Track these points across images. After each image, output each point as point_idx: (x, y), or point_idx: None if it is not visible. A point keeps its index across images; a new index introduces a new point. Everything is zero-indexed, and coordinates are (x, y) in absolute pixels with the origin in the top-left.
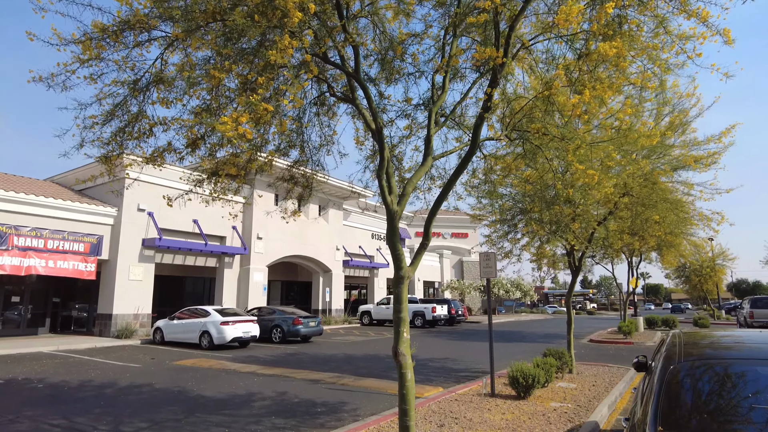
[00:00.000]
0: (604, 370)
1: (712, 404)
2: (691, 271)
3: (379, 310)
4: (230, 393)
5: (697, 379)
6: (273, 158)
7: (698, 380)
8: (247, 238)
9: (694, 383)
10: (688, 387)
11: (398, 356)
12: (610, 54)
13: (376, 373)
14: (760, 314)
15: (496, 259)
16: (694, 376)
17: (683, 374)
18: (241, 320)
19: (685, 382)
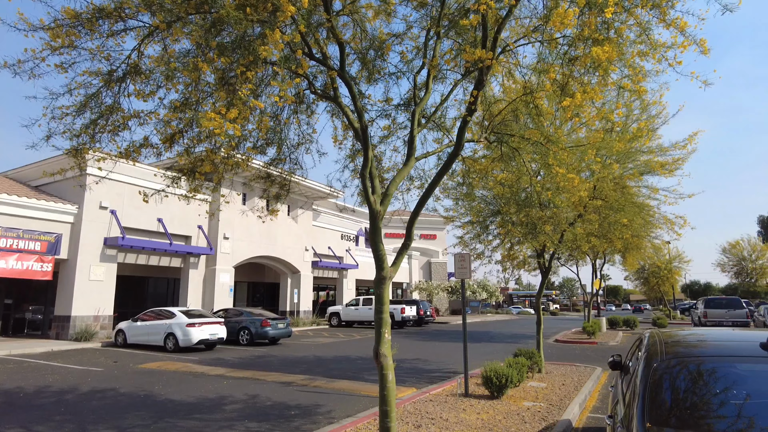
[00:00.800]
0: (572, 370)
1: (696, 400)
2: (650, 273)
3: (348, 311)
4: (200, 397)
5: (680, 376)
6: (251, 156)
7: (681, 377)
8: (213, 238)
9: (677, 380)
10: (672, 384)
11: (379, 357)
12: (602, 58)
13: (349, 375)
14: (713, 314)
15: (470, 260)
16: (676, 373)
17: (666, 372)
18: (207, 322)
19: (669, 380)
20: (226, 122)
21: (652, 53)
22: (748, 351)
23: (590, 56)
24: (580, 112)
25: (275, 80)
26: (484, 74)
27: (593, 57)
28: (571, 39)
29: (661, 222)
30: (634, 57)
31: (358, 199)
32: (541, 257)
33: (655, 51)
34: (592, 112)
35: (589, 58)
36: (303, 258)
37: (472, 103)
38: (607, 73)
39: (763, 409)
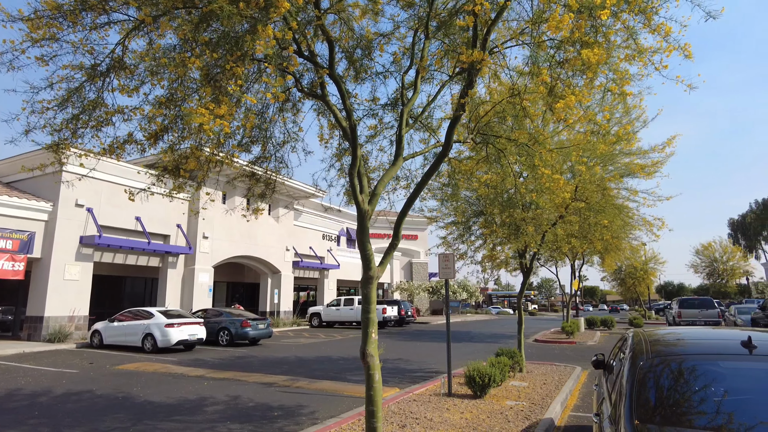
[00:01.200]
0: (552, 369)
1: (682, 397)
2: (626, 274)
3: (330, 311)
4: (180, 398)
5: (665, 374)
6: (236, 153)
7: (666, 375)
8: (192, 237)
9: (663, 378)
10: (658, 382)
11: (366, 357)
12: (593, 61)
13: (331, 376)
14: (687, 314)
15: (454, 260)
16: (662, 371)
17: (652, 370)
18: (187, 322)
19: (655, 378)
20: (215, 118)
21: (639, 57)
22: (730, 349)
23: (580, 59)
24: (568, 114)
25: (266, 77)
26: (474, 74)
27: (583, 59)
28: (560, 42)
29: (640, 224)
30: (621, 61)
31: (344, 198)
32: (523, 258)
33: (642, 55)
34: (580, 113)
35: (579, 61)
36: (284, 258)
37: (462, 103)
38: (596, 75)
39: (746, 405)
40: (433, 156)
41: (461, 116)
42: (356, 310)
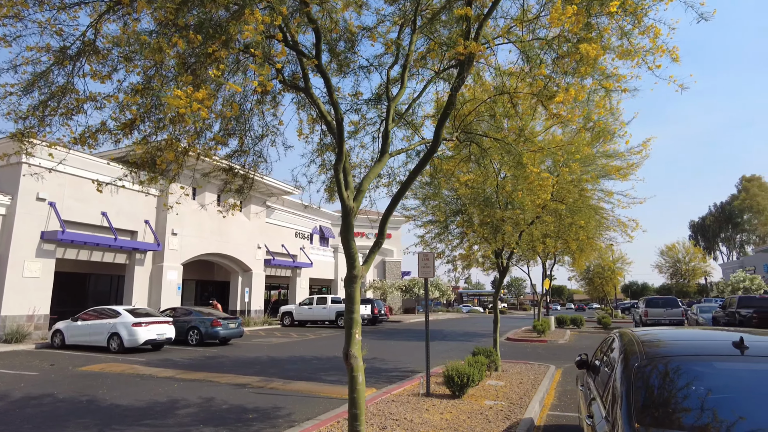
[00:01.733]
0: (527, 368)
1: (680, 399)
2: (594, 273)
3: (302, 310)
4: (150, 401)
5: (661, 375)
6: (215, 146)
7: (663, 377)
8: (161, 234)
9: (660, 380)
10: (655, 384)
11: (349, 359)
12: (591, 55)
13: (306, 376)
14: (653, 313)
15: (434, 259)
16: (658, 372)
17: (648, 372)
18: (155, 321)
19: (651, 379)
20: (193, 102)
21: (633, 55)
22: (723, 350)
23: (579, 53)
24: (563, 111)
25: (252, 64)
26: (467, 68)
27: (582, 53)
28: (555, 36)
29: (615, 225)
30: (615, 59)
31: (325, 195)
32: (500, 257)
33: (636, 53)
34: (575, 110)
35: (578, 55)
36: (255, 256)
37: (452, 97)
38: (593, 70)
39: (744, 405)
40: (416, 154)
41: (451, 111)
42: (329, 309)
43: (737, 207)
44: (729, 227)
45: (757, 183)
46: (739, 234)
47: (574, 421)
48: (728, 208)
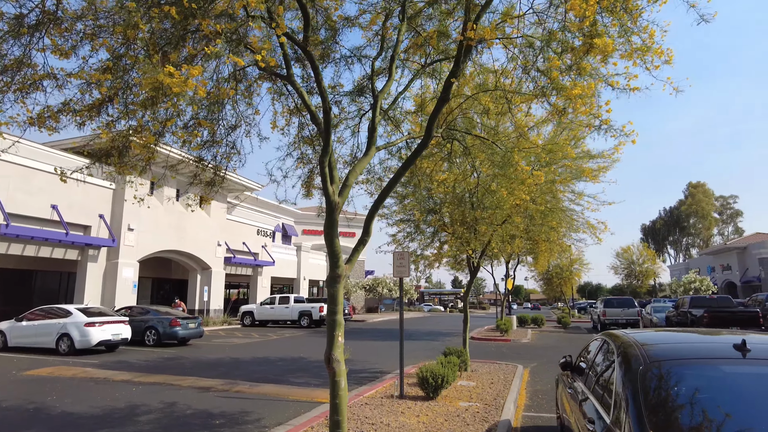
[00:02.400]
0: (495, 368)
1: (693, 403)
2: (553, 273)
3: (263, 310)
4: (107, 407)
5: (670, 379)
6: (197, 129)
7: (671, 380)
8: (116, 229)
9: (669, 383)
10: (665, 387)
11: (332, 363)
12: (609, 50)
13: (272, 379)
14: (611, 312)
15: (409, 258)
16: (666, 376)
17: (655, 375)
18: (110, 321)
19: (660, 383)
20: (188, 79)
21: (634, 54)
22: (725, 352)
23: (596, 45)
24: (578, 105)
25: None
26: (464, 58)
27: (600, 48)
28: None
29: (585, 227)
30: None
31: (301, 191)
32: (471, 257)
33: (637, 53)
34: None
35: (595, 49)
36: (215, 253)
37: (446, 89)
38: (606, 62)
39: (752, 410)
40: (397, 150)
41: (446, 104)
42: (292, 308)
43: (684, 212)
44: (677, 231)
45: (701, 189)
46: (686, 237)
47: (550, 422)
48: (676, 212)
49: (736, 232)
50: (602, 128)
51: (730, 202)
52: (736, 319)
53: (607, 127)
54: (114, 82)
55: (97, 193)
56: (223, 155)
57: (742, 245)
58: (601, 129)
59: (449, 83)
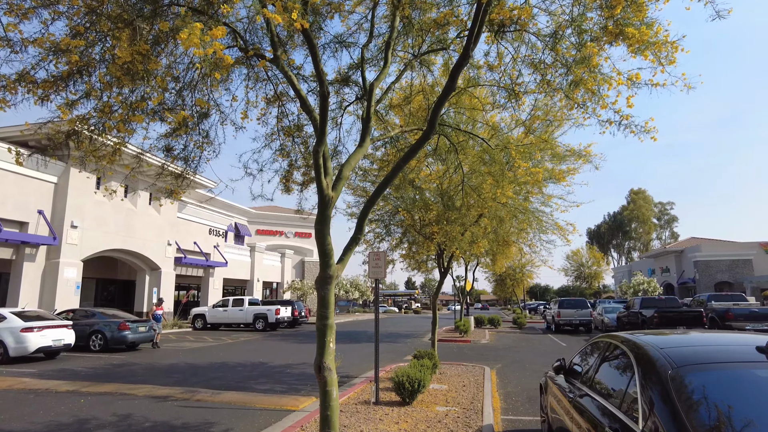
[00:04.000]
0: (463, 369)
1: (735, 408)
2: (506, 275)
3: (216, 312)
4: (50, 422)
5: (704, 384)
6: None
7: (706, 386)
8: (57, 226)
9: (703, 389)
10: (702, 393)
11: (322, 371)
12: (645, 39)
13: (234, 385)
14: (564, 313)
15: (385, 259)
16: (701, 381)
17: (688, 380)
18: (50, 325)
19: (695, 389)
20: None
21: (650, 48)
22: (751, 356)
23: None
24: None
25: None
26: (473, 44)
27: (637, 37)
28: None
29: (554, 228)
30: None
31: (279, 186)
32: (440, 257)
33: (652, 46)
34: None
35: (635, 39)
36: (165, 253)
37: (453, 77)
38: (643, 54)
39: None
40: (383, 144)
41: (451, 93)
42: (246, 311)
43: (626, 217)
44: (620, 235)
45: (642, 195)
46: (628, 241)
47: (530, 425)
48: (619, 217)
49: (672, 236)
50: (622, 123)
51: (667, 208)
52: (683, 318)
53: (627, 123)
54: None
55: (35, 187)
56: (196, 143)
57: (679, 249)
58: (621, 125)
59: (458, 68)
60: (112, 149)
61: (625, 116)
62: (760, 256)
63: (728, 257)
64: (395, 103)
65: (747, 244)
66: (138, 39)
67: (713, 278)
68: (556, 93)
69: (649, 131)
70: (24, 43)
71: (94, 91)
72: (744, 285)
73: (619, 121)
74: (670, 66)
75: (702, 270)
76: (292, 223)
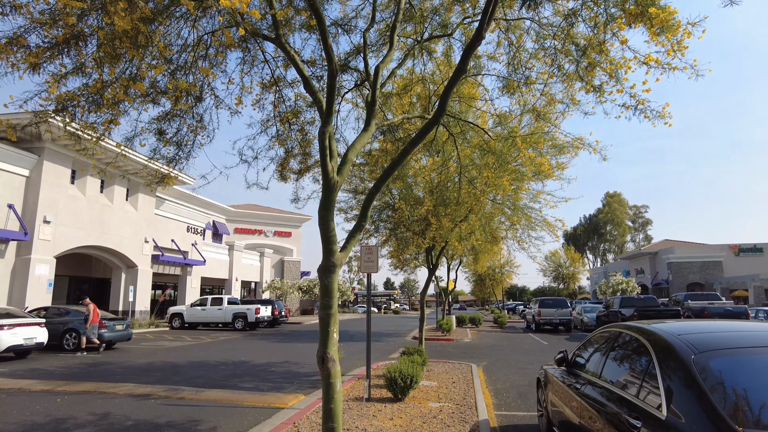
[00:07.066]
0: (450, 366)
1: (762, 391)
2: (486, 275)
3: (194, 311)
4: (25, 423)
5: (729, 368)
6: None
7: (732, 369)
8: (29, 221)
9: (730, 373)
10: (729, 376)
11: (326, 362)
12: (668, 20)
13: (218, 383)
14: (545, 312)
15: (378, 253)
16: (723, 365)
17: (713, 364)
18: (21, 323)
19: (722, 372)
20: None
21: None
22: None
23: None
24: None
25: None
26: (485, 25)
27: (661, 17)
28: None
29: (542, 224)
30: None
31: (275, 174)
32: (429, 254)
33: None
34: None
35: (659, 20)
36: (142, 251)
37: (465, 58)
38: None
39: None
40: (381, 133)
41: (463, 74)
42: (225, 310)
43: (602, 219)
44: (595, 237)
45: (617, 199)
46: (603, 243)
47: (525, 421)
48: (595, 219)
49: (646, 239)
50: (638, 108)
51: (642, 211)
52: (662, 317)
53: (643, 108)
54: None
55: (5, 180)
56: (190, 127)
57: (653, 251)
58: (637, 110)
59: (471, 49)
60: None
61: (641, 101)
62: (730, 258)
63: (700, 259)
64: (395, 92)
65: (717, 247)
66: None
67: (686, 279)
68: (568, 78)
69: (663, 116)
70: (15, 4)
71: (86, 67)
72: (714, 286)
73: (635, 105)
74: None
75: (675, 271)
76: (271, 222)
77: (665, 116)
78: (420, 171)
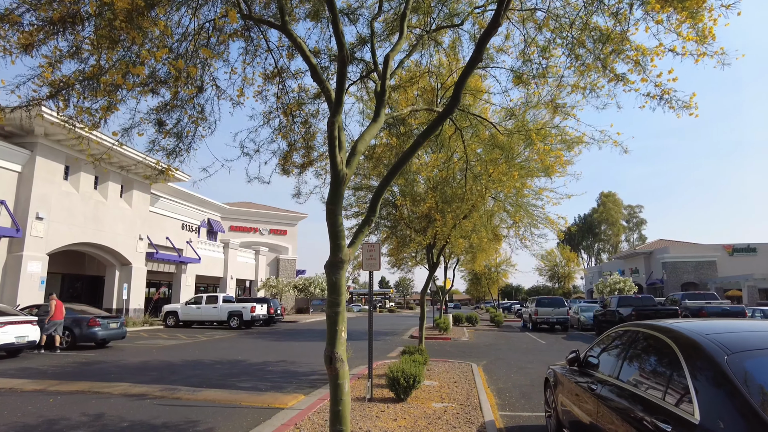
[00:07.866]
0: (450, 366)
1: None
2: (482, 274)
3: (188, 310)
4: (16, 423)
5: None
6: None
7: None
8: (21, 217)
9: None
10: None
11: (334, 362)
12: (701, 4)
13: (215, 383)
14: (542, 312)
15: (380, 250)
16: (758, 366)
17: (749, 365)
18: (13, 321)
19: (758, 373)
20: None
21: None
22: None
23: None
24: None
25: None
26: (502, 12)
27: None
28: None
29: (545, 221)
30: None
31: (277, 168)
32: (430, 252)
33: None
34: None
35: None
36: (136, 248)
37: (480, 45)
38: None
39: None
40: (387, 127)
41: (478, 62)
42: (221, 308)
43: (596, 219)
44: (590, 237)
45: (612, 198)
46: (598, 243)
47: (530, 421)
48: (589, 219)
49: (640, 239)
50: (663, 98)
51: (636, 211)
52: (660, 316)
53: (669, 98)
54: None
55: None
56: (191, 118)
57: (648, 250)
58: (662, 99)
59: (486, 37)
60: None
61: (666, 90)
62: (724, 258)
63: (694, 259)
64: (399, 84)
65: (711, 247)
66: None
67: (680, 279)
68: (588, 68)
69: (689, 106)
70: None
71: (82, 51)
72: (708, 286)
73: (660, 95)
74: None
75: (670, 271)
76: (267, 220)
77: (691, 106)
78: (422, 167)
